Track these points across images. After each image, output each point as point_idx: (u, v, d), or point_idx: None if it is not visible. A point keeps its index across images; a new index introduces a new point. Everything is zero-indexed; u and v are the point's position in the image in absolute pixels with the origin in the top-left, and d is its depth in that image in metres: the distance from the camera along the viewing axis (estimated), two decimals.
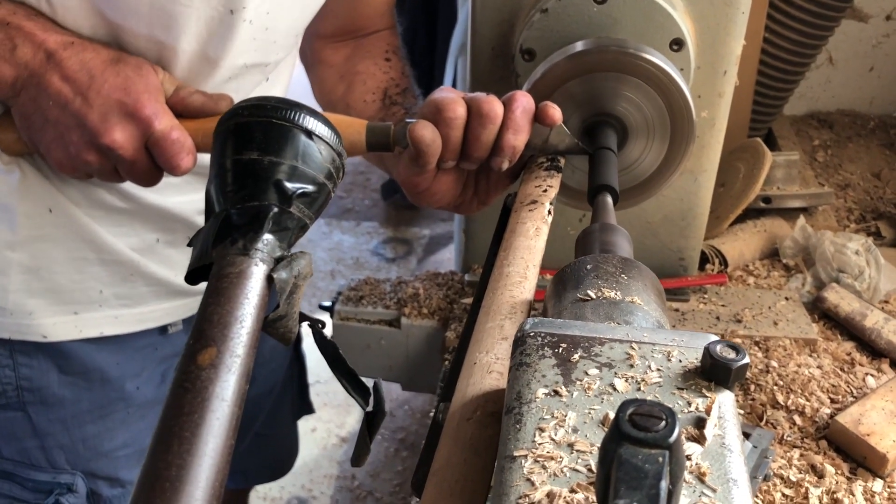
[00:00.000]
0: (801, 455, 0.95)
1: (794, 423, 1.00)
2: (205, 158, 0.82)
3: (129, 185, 0.88)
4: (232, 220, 0.50)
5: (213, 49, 0.82)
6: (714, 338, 0.46)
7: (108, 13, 0.78)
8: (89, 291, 0.94)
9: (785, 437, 0.98)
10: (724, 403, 0.43)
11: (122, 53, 0.78)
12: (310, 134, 0.53)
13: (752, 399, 1.03)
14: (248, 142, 0.52)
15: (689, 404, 0.43)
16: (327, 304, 1.30)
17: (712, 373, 0.44)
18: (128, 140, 0.74)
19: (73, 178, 0.85)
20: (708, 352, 0.44)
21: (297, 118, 0.53)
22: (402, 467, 2.29)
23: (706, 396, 0.44)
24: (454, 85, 1.97)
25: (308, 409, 1.48)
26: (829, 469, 0.92)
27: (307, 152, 0.53)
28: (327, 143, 0.54)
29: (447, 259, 3.25)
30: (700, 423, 0.42)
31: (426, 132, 0.76)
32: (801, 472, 0.92)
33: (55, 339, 0.94)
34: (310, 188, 0.53)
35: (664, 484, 0.31)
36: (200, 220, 0.98)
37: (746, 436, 0.93)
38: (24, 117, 0.78)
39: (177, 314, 1.04)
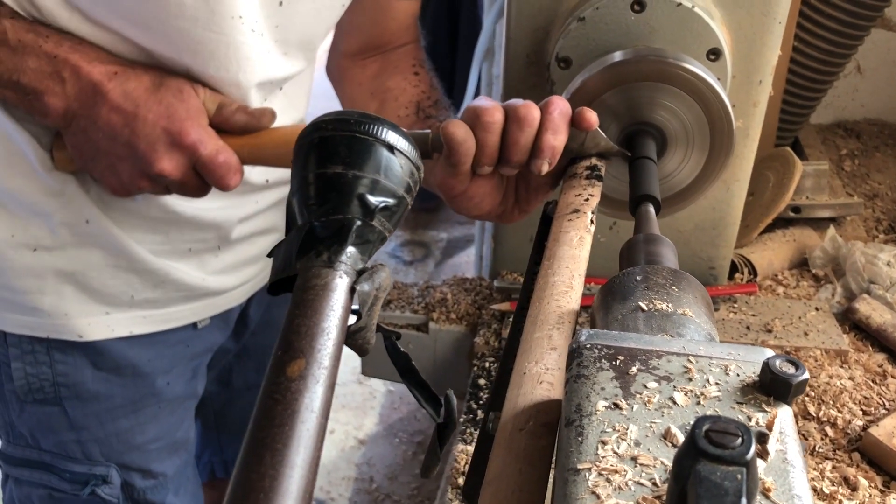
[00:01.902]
0: (834, 467, 0.94)
1: (826, 435, 1.00)
2: (250, 170, 0.84)
3: (167, 197, 0.91)
4: (316, 233, 0.50)
5: (238, 71, 0.83)
6: (770, 352, 0.46)
7: (143, 41, 0.80)
8: (121, 295, 0.96)
9: (817, 449, 0.97)
10: (784, 419, 0.43)
11: (164, 76, 0.80)
12: (391, 148, 0.54)
13: None
14: (333, 156, 0.52)
15: (750, 419, 0.43)
16: (354, 307, 1.30)
17: (772, 387, 0.44)
18: (176, 168, 0.78)
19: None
20: (767, 366, 0.44)
21: (379, 133, 0.53)
22: (419, 470, 2.29)
23: (766, 411, 0.44)
24: (477, 90, 1.97)
25: None
26: (863, 482, 0.91)
27: (389, 166, 0.53)
28: (407, 156, 0.55)
29: (465, 262, 3.25)
30: (762, 438, 0.42)
31: (458, 129, 0.77)
32: (833, 485, 0.92)
33: (89, 338, 0.96)
34: (390, 201, 0.53)
35: (744, 502, 0.31)
36: (235, 227, 0.99)
37: None
38: (76, 147, 0.81)
39: (205, 312, 1.05)
